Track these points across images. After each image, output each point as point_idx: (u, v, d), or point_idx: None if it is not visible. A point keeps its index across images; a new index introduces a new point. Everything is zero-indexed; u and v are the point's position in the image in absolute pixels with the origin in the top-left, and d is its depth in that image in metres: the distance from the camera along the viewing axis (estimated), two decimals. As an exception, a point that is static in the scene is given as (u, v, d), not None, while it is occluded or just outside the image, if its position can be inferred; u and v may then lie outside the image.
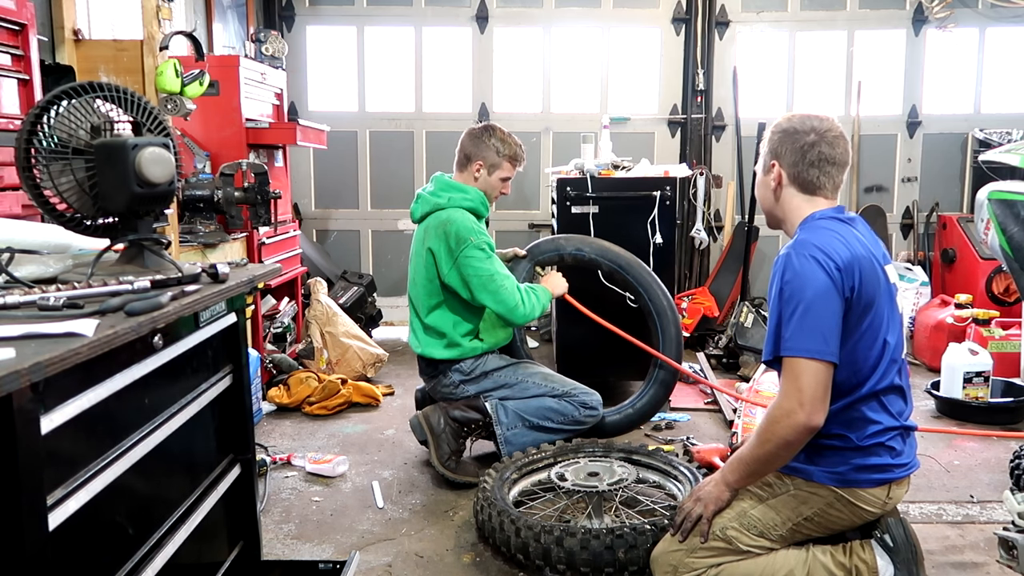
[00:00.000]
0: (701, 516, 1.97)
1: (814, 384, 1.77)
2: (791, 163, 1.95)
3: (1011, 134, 5.39)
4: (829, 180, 1.95)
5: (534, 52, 5.73)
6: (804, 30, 5.70)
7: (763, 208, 2.09)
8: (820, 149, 1.92)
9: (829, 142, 1.93)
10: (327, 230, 5.85)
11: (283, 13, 5.65)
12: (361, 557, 2.35)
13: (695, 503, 2.00)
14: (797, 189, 1.97)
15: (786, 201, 1.99)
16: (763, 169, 2.04)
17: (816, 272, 1.80)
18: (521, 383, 2.99)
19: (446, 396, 3.03)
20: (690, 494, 2.06)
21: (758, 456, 1.87)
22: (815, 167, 1.93)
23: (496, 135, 3.02)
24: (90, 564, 1.28)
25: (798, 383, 1.78)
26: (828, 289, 1.79)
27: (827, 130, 1.94)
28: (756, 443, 1.88)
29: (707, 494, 1.99)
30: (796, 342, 1.78)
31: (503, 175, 3.03)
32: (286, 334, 4.25)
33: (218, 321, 1.73)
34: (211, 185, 3.39)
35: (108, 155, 1.58)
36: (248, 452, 1.92)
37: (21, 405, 1.04)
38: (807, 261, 1.81)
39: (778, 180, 1.98)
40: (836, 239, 1.86)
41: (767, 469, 1.91)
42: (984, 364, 3.68)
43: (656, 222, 3.63)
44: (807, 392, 1.77)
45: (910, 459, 1.96)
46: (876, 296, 1.86)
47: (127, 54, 3.10)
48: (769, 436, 1.83)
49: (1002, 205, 2.93)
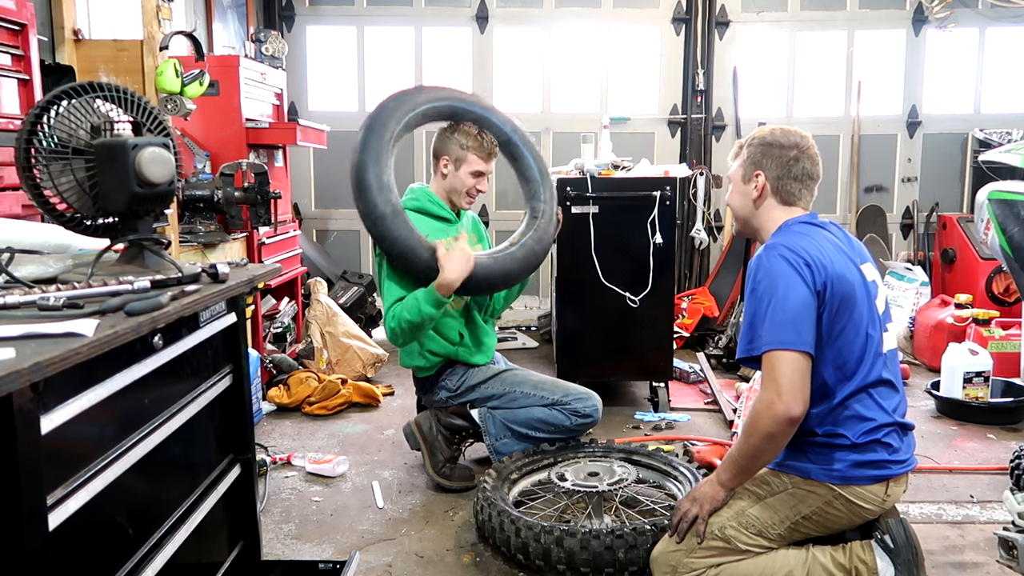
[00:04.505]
0: (697, 516, 1.98)
1: (790, 374, 1.83)
2: (775, 176, 2.02)
3: (1011, 134, 5.39)
4: (808, 193, 2.05)
5: (534, 52, 5.73)
6: (804, 30, 5.70)
7: (738, 216, 2.14)
8: (803, 165, 2.02)
9: (810, 158, 2.03)
10: (327, 230, 5.85)
11: (283, 13, 5.65)
12: (361, 557, 2.35)
13: (691, 503, 2.01)
14: (778, 200, 2.04)
15: (765, 211, 2.06)
16: (743, 179, 2.08)
17: (786, 269, 1.87)
18: (509, 394, 2.87)
19: (437, 406, 3.01)
20: (687, 495, 2.08)
21: (744, 451, 1.92)
22: (798, 181, 2.02)
23: (460, 129, 2.91)
24: (90, 564, 1.28)
25: (774, 374, 1.84)
26: (798, 284, 1.85)
27: (808, 147, 2.04)
28: (742, 439, 1.93)
29: (702, 494, 2.00)
30: (770, 335, 1.85)
31: (471, 169, 2.90)
32: (286, 334, 4.25)
33: (218, 321, 1.73)
34: (211, 185, 3.39)
35: (108, 155, 1.58)
36: (248, 452, 1.92)
37: (21, 405, 1.04)
38: (777, 260, 1.89)
39: (761, 190, 2.04)
40: (806, 240, 1.93)
41: (756, 465, 1.95)
42: (984, 364, 3.68)
43: (656, 222, 3.63)
44: (784, 383, 1.82)
45: (908, 456, 1.97)
46: (852, 292, 1.90)
47: (127, 54, 3.10)
48: (752, 430, 1.88)
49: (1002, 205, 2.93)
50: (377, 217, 2.62)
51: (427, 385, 2.97)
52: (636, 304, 3.65)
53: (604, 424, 3.52)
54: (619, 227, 3.66)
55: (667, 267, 3.70)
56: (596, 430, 3.34)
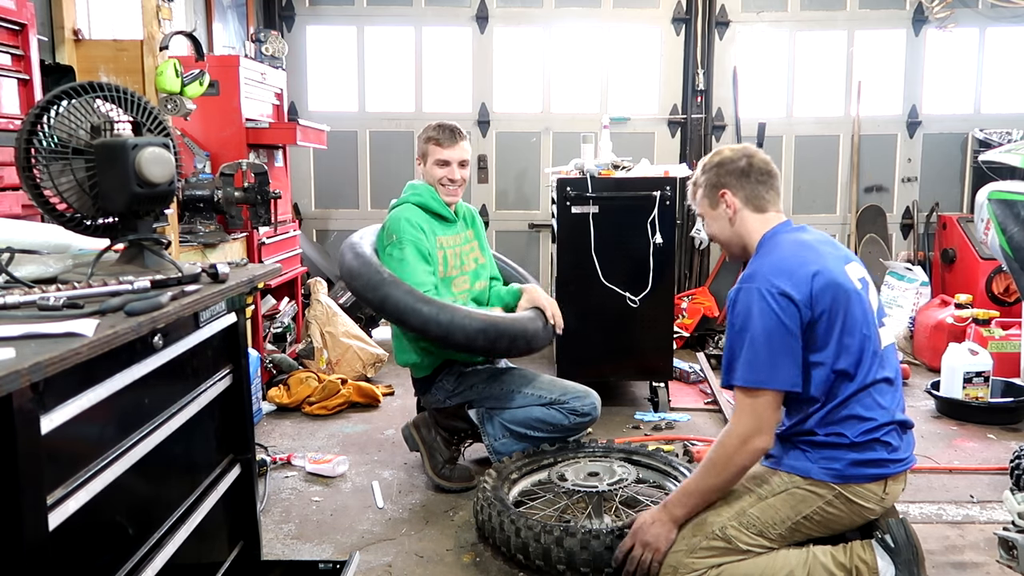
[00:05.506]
0: (652, 560, 1.99)
1: (762, 410, 1.88)
2: (739, 186, 2.06)
3: (1011, 134, 5.39)
4: (775, 193, 2.08)
5: (534, 52, 5.72)
6: (804, 30, 5.70)
7: (723, 242, 2.16)
8: (757, 166, 2.06)
9: (761, 159, 2.08)
10: (327, 230, 5.85)
11: (283, 13, 5.64)
12: (361, 557, 2.35)
13: (643, 548, 2.01)
14: (751, 210, 2.07)
15: (743, 225, 2.08)
16: (712, 206, 2.12)
17: (760, 304, 1.88)
18: (507, 393, 2.85)
19: (435, 407, 3.01)
20: (632, 535, 2.05)
21: (714, 486, 1.95)
22: (761, 183, 2.07)
23: (426, 127, 3.02)
24: (90, 564, 1.28)
25: (749, 410, 1.89)
26: (772, 318, 1.87)
27: (753, 152, 2.09)
28: (712, 473, 1.94)
29: (655, 536, 2.00)
30: (744, 372, 1.89)
31: (435, 158, 2.97)
32: (286, 334, 4.25)
33: (218, 321, 1.73)
34: (211, 185, 3.39)
35: (108, 155, 1.58)
36: (248, 452, 1.92)
37: (21, 405, 1.04)
38: (752, 293, 1.91)
39: (732, 207, 2.07)
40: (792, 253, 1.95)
41: (717, 498, 1.98)
42: (984, 364, 3.68)
43: (656, 222, 3.63)
44: (764, 420, 1.88)
45: (907, 455, 1.98)
46: (840, 296, 1.91)
47: (127, 54, 3.10)
48: (726, 465, 1.91)
49: (1002, 205, 2.94)
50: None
51: (425, 385, 2.97)
52: (636, 304, 3.65)
53: (604, 424, 3.53)
54: (619, 227, 3.66)
55: (667, 267, 3.70)
56: (596, 430, 3.35)
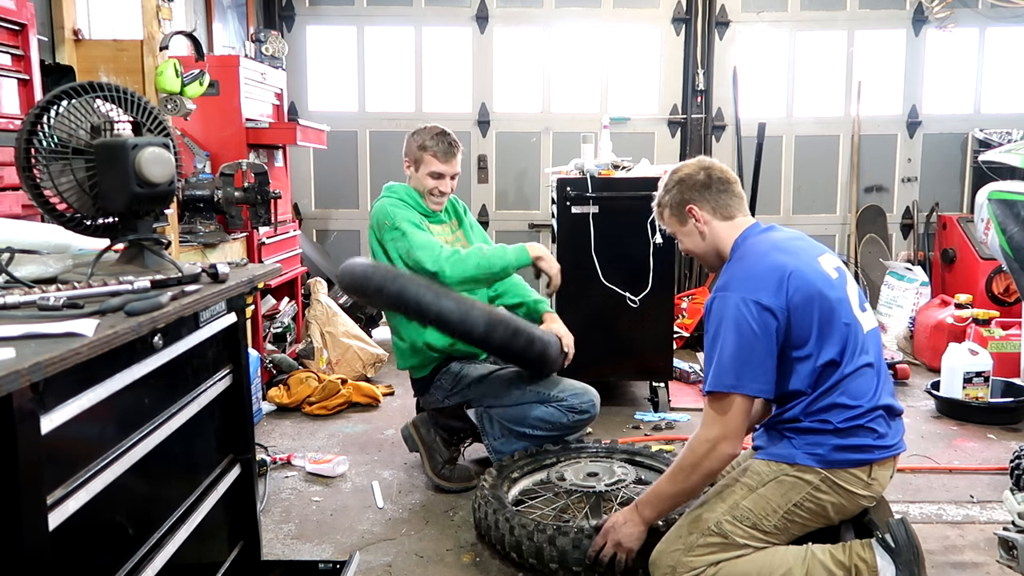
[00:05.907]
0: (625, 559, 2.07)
1: (732, 415, 1.91)
2: (704, 199, 2.09)
3: (1011, 134, 5.39)
4: (739, 199, 2.11)
5: (534, 52, 5.72)
6: (804, 30, 5.70)
7: (699, 255, 2.18)
8: (716, 177, 2.09)
9: (718, 169, 2.11)
10: (327, 230, 5.85)
11: (283, 13, 5.65)
12: (361, 557, 2.35)
13: (615, 547, 2.07)
14: (720, 219, 2.10)
15: (714, 235, 2.11)
16: (681, 223, 2.14)
17: (733, 312, 1.92)
18: (505, 392, 2.82)
19: (434, 407, 3.00)
20: (603, 534, 2.11)
21: (684, 490, 2.01)
22: (724, 192, 2.09)
23: (419, 130, 2.93)
24: (90, 564, 1.28)
25: (722, 416, 1.92)
26: (746, 328, 1.90)
27: (709, 163, 2.13)
28: (680, 477, 1.99)
29: (627, 536, 2.06)
30: (716, 378, 1.92)
31: (429, 169, 2.89)
32: (286, 334, 4.25)
33: (218, 321, 1.73)
34: (211, 185, 3.39)
35: (108, 155, 1.58)
36: (248, 452, 1.92)
37: (21, 405, 1.04)
38: (724, 302, 1.93)
39: (702, 220, 2.10)
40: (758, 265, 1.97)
41: (687, 500, 2.04)
42: (984, 364, 3.68)
43: (656, 222, 3.62)
44: (731, 425, 1.91)
45: (894, 441, 1.99)
46: (816, 290, 1.94)
47: (127, 54, 3.10)
48: (695, 469, 1.96)
49: (1002, 205, 2.94)
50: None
51: (423, 386, 2.97)
52: (636, 304, 3.65)
53: (604, 424, 3.53)
54: (619, 227, 3.66)
55: (667, 267, 3.70)
56: (597, 430, 3.35)
